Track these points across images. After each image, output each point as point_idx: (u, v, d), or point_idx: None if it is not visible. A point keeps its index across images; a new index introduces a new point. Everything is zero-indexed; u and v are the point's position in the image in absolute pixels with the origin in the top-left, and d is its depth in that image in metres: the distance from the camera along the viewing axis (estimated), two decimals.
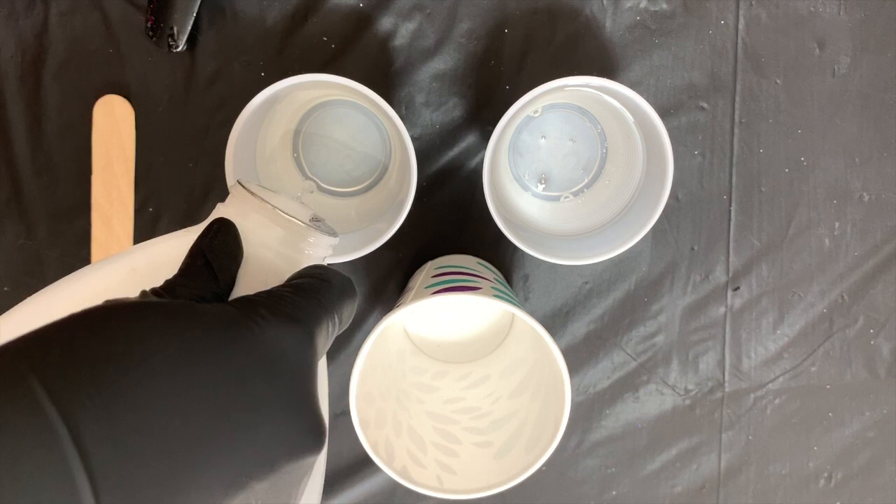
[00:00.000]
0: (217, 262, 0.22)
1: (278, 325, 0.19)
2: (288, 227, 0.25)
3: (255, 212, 0.24)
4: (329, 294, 0.22)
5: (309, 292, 0.21)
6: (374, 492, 0.47)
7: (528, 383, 0.39)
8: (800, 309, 0.47)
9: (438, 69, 0.43)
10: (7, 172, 0.43)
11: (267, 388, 0.18)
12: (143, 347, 0.16)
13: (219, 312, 0.19)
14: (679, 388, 0.48)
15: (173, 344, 0.17)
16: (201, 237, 0.23)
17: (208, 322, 0.18)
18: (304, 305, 0.21)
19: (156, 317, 0.17)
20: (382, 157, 0.43)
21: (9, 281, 0.44)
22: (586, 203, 0.44)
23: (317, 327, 0.21)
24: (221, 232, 0.23)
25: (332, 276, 0.23)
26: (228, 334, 0.18)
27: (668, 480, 0.48)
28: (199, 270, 0.22)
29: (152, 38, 0.41)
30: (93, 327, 0.16)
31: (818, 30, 0.44)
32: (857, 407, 0.49)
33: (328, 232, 0.27)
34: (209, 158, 0.43)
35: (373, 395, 0.37)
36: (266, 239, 0.24)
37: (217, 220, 0.24)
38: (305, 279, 0.22)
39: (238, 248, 0.23)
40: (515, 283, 0.46)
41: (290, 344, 0.19)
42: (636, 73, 0.44)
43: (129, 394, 0.15)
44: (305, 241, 0.25)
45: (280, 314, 0.20)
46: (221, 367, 0.17)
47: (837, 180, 0.46)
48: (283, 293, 0.21)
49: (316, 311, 0.21)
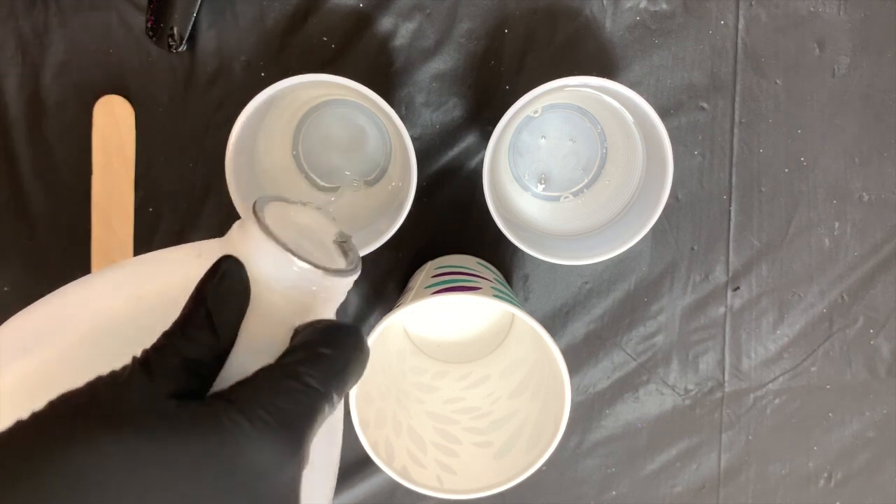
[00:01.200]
0: (219, 314, 0.20)
1: (259, 443, 0.17)
2: (302, 273, 0.22)
3: (266, 254, 0.22)
4: (327, 372, 0.20)
5: (302, 377, 0.19)
6: (374, 492, 0.47)
7: (528, 383, 0.39)
8: (800, 309, 0.47)
9: (438, 69, 0.43)
10: (7, 172, 0.43)
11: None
12: (97, 475, 0.15)
13: (190, 426, 0.17)
14: (679, 388, 0.48)
15: (138, 471, 0.15)
16: (205, 280, 0.21)
17: (177, 441, 0.16)
18: (294, 402, 0.19)
19: (118, 437, 0.16)
20: (382, 157, 0.43)
21: (9, 281, 0.44)
22: (586, 203, 0.44)
23: (308, 429, 0.19)
24: (227, 276, 0.21)
25: (336, 342, 0.21)
26: (199, 454, 0.16)
27: (668, 480, 0.48)
28: (199, 323, 0.20)
29: (152, 38, 0.41)
30: (22, 462, 0.15)
31: (818, 30, 0.44)
32: (857, 407, 0.49)
33: (349, 263, 0.25)
34: (209, 158, 0.43)
35: (372, 395, 0.37)
36: (275, 283, 0.22)
37: (224, 260, 0.22)
38: (302, 353, 0.20)
39: (245, 298, 0.22)
40: (515, 283, 0.46)
41: (272, 462, 0.17)
42: (636, 73, 0.44)
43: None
44: (321, 286, 0.23)
45: (263, 425, 0.18)
46: (188, 495, 0.16)
47: (837, 180, 0.46)
48: (266, 384, 0.19)
49: (306, 403, 0.19)
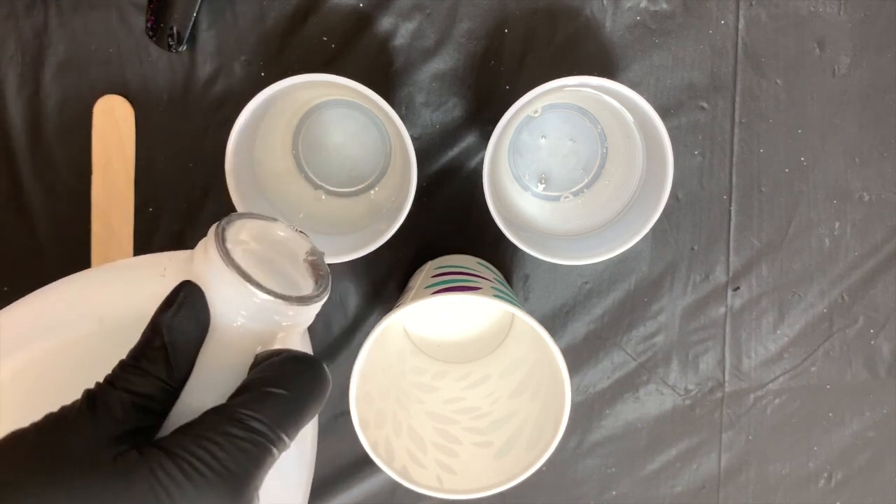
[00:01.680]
0: (174, 346, 0.20)
1: (193, 495, 0.17)
2: (264, 304, 0.22)
3: (226, 283, 0.21)
4: (278, 415, 0.19)
5: (247, 421, 0.19)
6: (374, 492, 0.47)
7: (528, 383, 0.39)
8: (800, 309, 0.47)
9: (438, 69, 0.43)
10: (8, 172, 0.43)
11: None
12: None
13: (121, 482, 0.17)
14: (679, 388, 0.48)
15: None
16: (163, 308, 0.21)
17: (106, 497, 0.16)
18: (237, 452, 0.18)
19: (36, 495, 0.16)
20: (382, 157, 0.43)
21: (9, 281, 0.44)
22: (586, 203, 0.44)
23: (251, 479, 0.18)
24: (185, 306, 0.21)
25: (290, 379, 0.20)
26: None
27: (668, 480, 0.48)
28: (153, 356, 0.20)
29: (152, 38, 0.41)
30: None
31: (818, 30, 0.44)
32: (857, 407, 0.49)
33: (316, 293, 0.24)
34: (209, 158, 0.43)
35: (372, 395, 0.37)
36: (236, 312, 0.21)
37: (183, 287, 0.21)
38: (251, 394, 0.19)
39: (202, 328, 0.21)
40: (515, 283, 0.46)
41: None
42: (636, 73, 0.44)
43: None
44: (284, 315, 0.22)
45: (199, 477, 0.17)
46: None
47: (837, 180, 0.46)
48: (207, 434, 0.18)
49: (253, 454, 0.18)
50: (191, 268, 0.22)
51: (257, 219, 0.25)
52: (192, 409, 0.20)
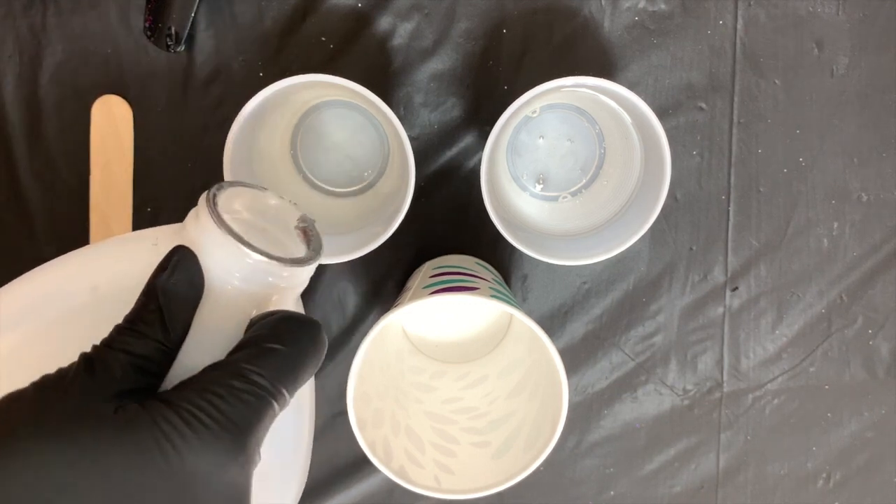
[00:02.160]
0: (170, 309, 0.20)
1: (197, 447, 0.17)
2: (257, 265, 0.22)
3: (219, 245, 0.21)
4: (277, 369, 0.19)
5: (248, 374, 0.19)
6: (372, 492, 0.47)
7: (525, 383, 0.39)
8: (798, 309, 0.47)
9: (437, 69, 0.43)
10: (6, 172, 0.43)
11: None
12: (29, 488, 0.15)
13: (126, 432, 0.17)
14: (677, 389, 0.48)
15: (70, 474, 0.15)
16: (157, 273, 0.21)
17: (111, 448, 0.16)
18: (238, 403, 0.18)
19: (53, 439, 0.16)
20: (380, 158, 0.43)
21: (9, 280, 0.44)
22: (584, 203, 0.44)
23: (253, 431, 0.18)
24: (179, 269, 0.21)
25: (289, 336, 0.20)
26: (133, 463, 0.16)
27: (667, 481, 0.48)
28: (149, 319, 0.20)
29: (151, 38, 0.41)
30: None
31: (817, 30, 0.44)
32: (856, 407, 0.49)
33: (309, 255, 0.24)
34: (208, 158, 0.43)
35: (370, 394, 0.37)
36: (229, 272, 0.22)
37: (177, 251, 0.21)
38: (251, 349, 0.20)
39: (196, 290, 0.21)
40: (514, 284, 0.46)
41: (212, 466, 0.17)
42: (634, 74, 0.44)
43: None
44: (278, 276, 0.22)
45: (202, 428, 0.17)
46: (122, 502, 0.16)
47: (836, 180, 0.46)
48: (209, 387, 0.18)
49: (252, 404, 0.18)
50: (183, 234, 0.22)
51: (248, 187, 0.25)
52: (188, 370, 0.20)
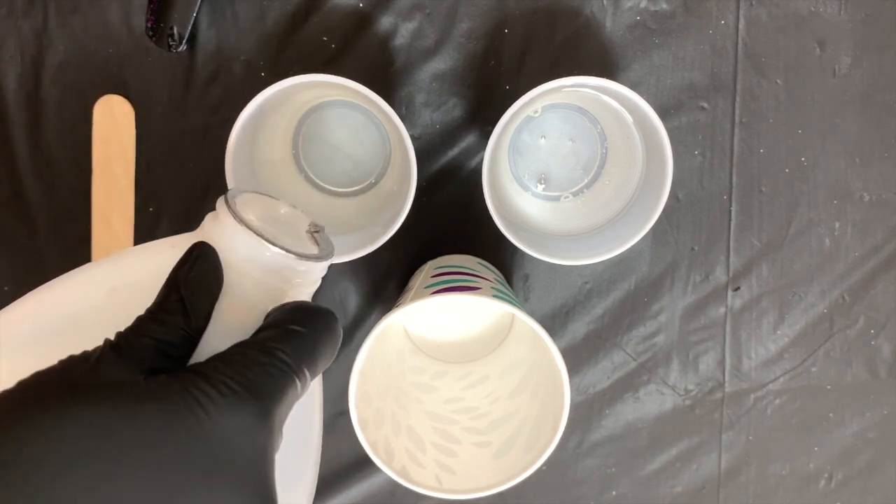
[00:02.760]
0: (191, 299, 0.21)
1: (226, 408, 0.18)
2: (273, 257, 0.23)
3: (238, 238, 0.23)
4: (299, 349, 0.20)
5: (273, 351, 0.20)
6: (373, 492, 0.47)
7: (527, 383, 0.39)
8: (800, 309, 0.47)
9: (438, 69, 0.43)
10: (7, 172, 0.43)
11: (209, 486, 0.17)
12: (62, 453, 0.15)
13: (159, 398, 0.17)
14: (679, 389, 0.48)
15: (105, 438, 0.16)
16: (178, 266, 0.22)
17: (146, 411, 0.17)
18: (264, 375, 0.19)
19: (87, 406, 0.16)
20: (382, 158, 0.43)
21: (9, 281, 0.44)
22: (586, 203, 0.44)
23: (277, 400, 0.19)
24: (199, 262, 0.22)
25: (309, 321, 0.21)
26: (167, 426, 0.17)
27: (668, 481, 0.48)
28: (171, 308, 0.20)
29: (152, 38, 0.41)
30: (4, 416, 0.16)
31: (819, 30, 0.44)
32: (858, 407, 0.49)
33: (322, 252, 0.25)
34: (209, 158, 0.43)
35: (372, 394, 0.37)
36: (248, 267, 0.23)
37: (197, 247, 0.22)
38: (274, 330, 0.21)
39: (217, 282, 0.22)
40: (515, 283, 0.46)
41: (240, 427, 0.18)
42: (636, 73, 0.44)
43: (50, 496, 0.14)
44: (294, 271, 0.23)
45: (231, 393, 0.18)
46: (156, 463, 0.16)
47: (838, 180, 0.46)
48: (237, 359, 0.19)
49: (276, 376, 0.19)
50: (201, 234, 0.23)
51: (260, 194, 0.26)
52: (209, 357, 0.20)
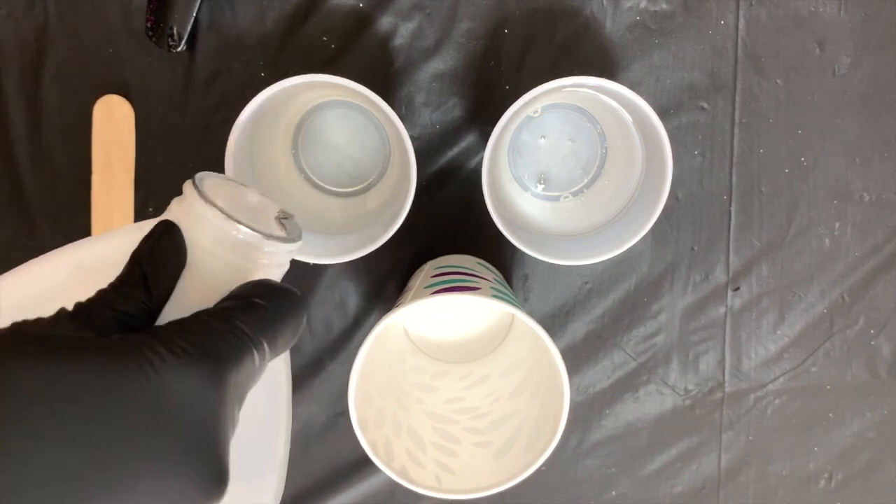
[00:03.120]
0: (152, 273, 0.21)
1: (178, 367, 0.18)
2: (238, 237, 0.23)
3: (204, 216, 0.23)
4: (259, 321, 0.21)
5: (232, 319, 0.20)
6: (374, 492, 0.47)
7: (527, 383, 0.39)
8: (800, 309, 0.47)
9: (438, 69, 0.43)
10: (7, 172, 0.43)
11: (151, 439, 0.17)
12: (10, 388, 0.15)
13: (109, 352, 0.18)
14: (679, 389, 0.48)
15: (49, 387, 0.16)
16: (142, 243, 0.22)
17: (94, 363, 0.17)
18: (217, 339, 0.19)
19: (34, 356, 0.16)
20: (382, 158, 0.43)
21: None
22: (586, 203, 0.44)
23: (232, 363, 0.19)
24: (163, 239, 0.22)
25: (273, 295, 0.22)
26: (114, 379, 0.17)
27: (668, 481, 0.48)
28: (134, 282, 0.21)
29: (152, 38, 0.41)
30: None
31: (818, 30, 0.44)
32: (858, 407, 0.49)
33: (290, 237, 0.25)
34: (209, 158, 0.43)
35: (372, 394, 0.37)
36: (213, 246, 0.23)
37: (161, 224, 0.22)
38: (236, 301, 0.21)
39: (178, 259, 0.22)
40: (515, 284, 0.46)
41: (190, 388, 0.18)
42: (636, 73, 0.44)
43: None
44: (259, 251, 0.23)
45: (183, 353, 0.18)
46: (101, 415, 0.16)
47: (838, 180, 0.46)
48: (196, 324, 0.20)
49: (234, 343, 0.20)
50: (168, 216, 0.23)
51: (229, 179, 0.26)
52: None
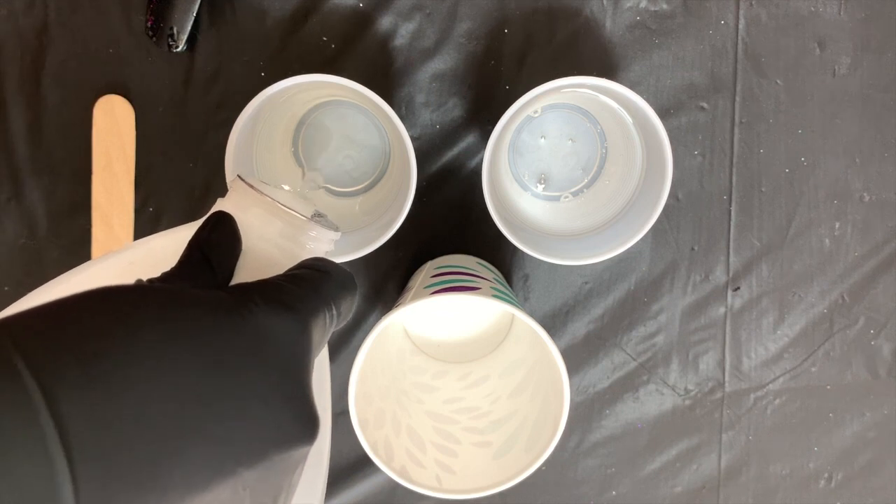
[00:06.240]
0: (214, 255, 0.22)
1: (271, 313, 0.19)
2: (288, 221, 0.24)
3: (254, 206, 0.24)
4: (327, 285, 0.22)
5: (306, 282, 0.21)
6: (374, 492, 0.47)
7: (527, 383, 0.39)
8: (800, 309, 0.47)
9: (438, 69, 0.43)
10: (7, 172, 0.43)
11: (257, 376, 0.18)
12: (131, 328, 0.16)
13: (211, 298, 0.18)
14: (679, 389, 0.48)
15: (163, 326, 0.16)
16: (199, 231, 0.23)
17: (199, 307, 0.18)
18: (299, 294, 0.20)
19: (147, 299, 0.17)
20: (382, 158, 0.43)
21: (9, 281, 0.44)
22: (586, 203, 0.44)
23: (312, 317, 0.20)
24: (219, 225, 0.23)
25: (332, 268, 0.23)
26: (219, 319, 0.18)
27: (668, 481, 0.48)
28: (197, 264, 0.21)
29: (152, 37, 0.41)
30: (81, 305, 0.16)
31: (818, 30, 0.44)
32: (858, 407, 0.49)
33: (330, 227, 0.27)
34: (209, 158, 0.43)
35: (372, 394, 0.37)
36: (265, 232, 0.24)
37: (215, 214, 0.23)
38: (304, 270, 0.22)
39: (236, 242, 0.23)
40: (515, 283, 0.46)
41: (283, 332, 0.19)
42: (636, 73, 0.44)
43: (113, 372, 0.15)
44: (306, 235, 0.25)
45: (273, 301, 0.19)
46: (211, 352, 0.17)
47: (838, 180, 0.46)
48: (278, 281, 0.21)
49: (312, 300, 0.21)
50: (219, 207, 0.25)
51: (264, 182, 0.27)
52: None
